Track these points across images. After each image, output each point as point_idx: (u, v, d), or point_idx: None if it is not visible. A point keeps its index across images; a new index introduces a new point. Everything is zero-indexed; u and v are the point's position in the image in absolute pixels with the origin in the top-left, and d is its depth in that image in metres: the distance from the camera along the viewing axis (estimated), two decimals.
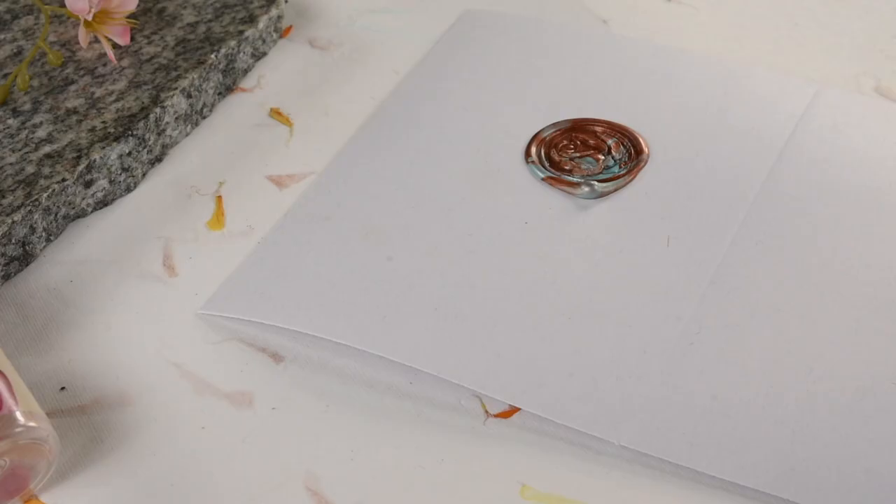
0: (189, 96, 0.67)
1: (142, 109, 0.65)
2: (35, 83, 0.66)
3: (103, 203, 0.64)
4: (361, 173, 0.63)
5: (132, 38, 0.69)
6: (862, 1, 0.75)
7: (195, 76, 0.67)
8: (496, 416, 0.54)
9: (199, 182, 0.66)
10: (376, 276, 0.58)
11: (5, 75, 0.68)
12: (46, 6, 0.68)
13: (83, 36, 0.68)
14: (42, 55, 0.67)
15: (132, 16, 0.69)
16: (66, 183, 0.61)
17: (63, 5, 0.69)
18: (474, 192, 0.62)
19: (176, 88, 0.66)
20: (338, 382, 0.55)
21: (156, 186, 0.66)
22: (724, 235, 0.58)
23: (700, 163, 0.61)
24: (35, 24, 0.70)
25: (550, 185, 0.62)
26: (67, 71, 0.68)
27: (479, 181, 0.62)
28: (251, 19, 0.70)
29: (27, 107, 0.65)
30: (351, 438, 0.53)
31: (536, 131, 0.64)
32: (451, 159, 0.64)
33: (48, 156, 0.62)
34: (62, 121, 0.64)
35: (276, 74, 0.72)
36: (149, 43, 0.69)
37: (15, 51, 0.68)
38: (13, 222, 0.59)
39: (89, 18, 0.67)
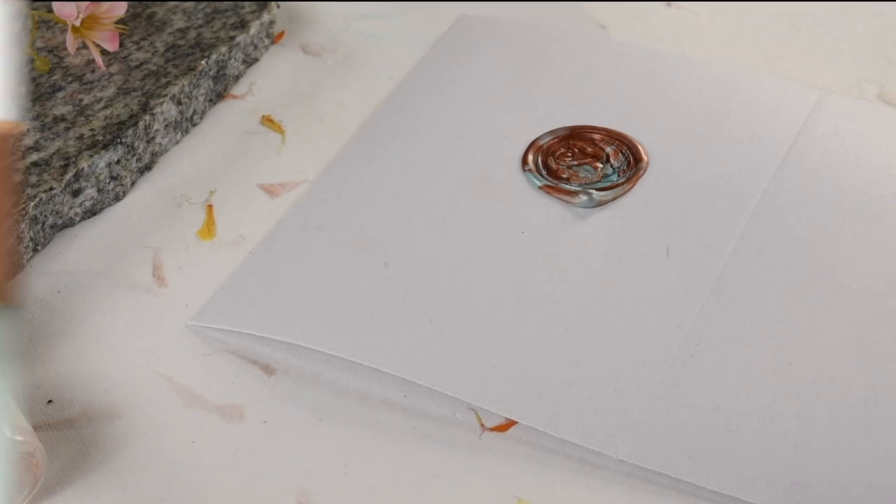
0: (179, 103, 0.66)
1: (131, 117, 0.64)
2: (22, 90, 0.65)
3: (91, 212, 0.63)
4: (354, 182, 0.63)
5: (121, 44, 0.68)
6: (865, 6, 0.75)
7: (185, 83, 0.67)
8: (492, 429, 0.54)
9: (190, 191, 0.66)
10: (369, 286, 0.58)
11: None
12: (34, 11, 0.68)
13: (71, 42, 0.68)
14: (29, 61, 0.67)
15: (121, 21, 0.68)
16: (53, 192, 0.61)
17: (50, 10, 0.68)
18: (470, 200, 0.62)
19: (166, 95, 0.66)
20: (330, 395, 0.55)
21: (145, 195, 0.66)
22: (725, 244, 0.59)
23: (701, 171, 0.62)
24: (22, 29, 0.70)
25: (548, 193, 0.62)
26: (55, 77, 0.68)
27: (475, 189, 0.62)
28: (242, 25, 0.70)
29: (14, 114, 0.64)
30: (344, 452, 0.53)
31: (533, 139, 0.65)
32: (446, 167, 0.64)
33: (35, 164, 0.62)
34: (49, 128, 0.64)
35: (268, 81, 0.72)
36: (138, 49, 0.69)
37: None
38: None
39: (77, 24, 0.67)
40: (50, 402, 0.56)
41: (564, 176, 0.63)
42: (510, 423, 0.53)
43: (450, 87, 0.68)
